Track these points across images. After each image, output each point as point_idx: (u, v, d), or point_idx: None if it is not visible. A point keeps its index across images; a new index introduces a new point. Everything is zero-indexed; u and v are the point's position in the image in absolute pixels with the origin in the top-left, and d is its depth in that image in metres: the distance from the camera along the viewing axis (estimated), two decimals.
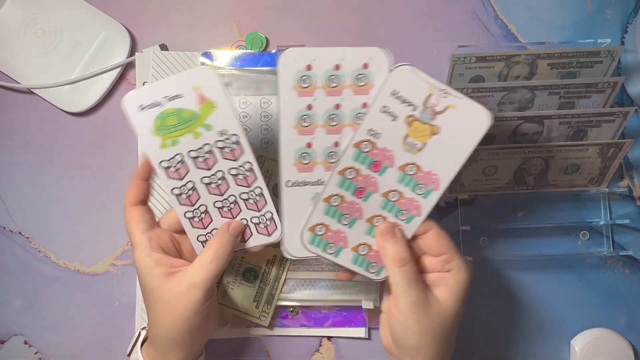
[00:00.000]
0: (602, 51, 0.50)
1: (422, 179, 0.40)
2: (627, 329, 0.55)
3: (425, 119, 0.39)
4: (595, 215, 0.56)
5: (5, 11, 0.56)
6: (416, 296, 0.39)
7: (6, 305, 0.55)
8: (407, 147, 0.39)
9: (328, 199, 0.41)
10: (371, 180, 0.40)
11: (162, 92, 0.40)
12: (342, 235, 0.42)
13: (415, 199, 0.41)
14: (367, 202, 0.41)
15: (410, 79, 0.38)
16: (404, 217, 0.41)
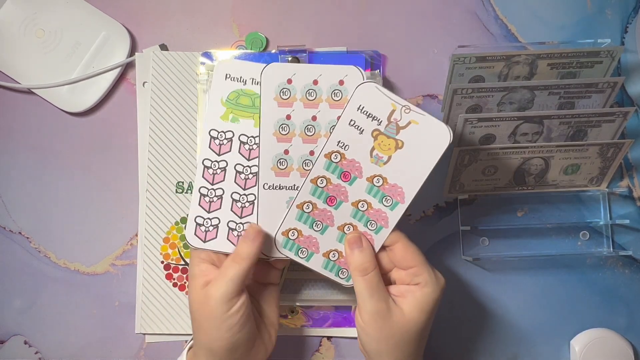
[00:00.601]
0: (602, 51, 0.50)
1: (389, 191, 0.42)
2: (627, 329, 0.55)
3: (390, 133, 0.41)
4: (595, 215, 0.56)
5: (5, 11, 0.56)
6: (376, 305, 0.41)
7: (6, 305, 0.55)
8: (374, 159, 0.42)
9: (301, 205, 0.43)
10: (341, 190, 0.42)
11: (252, 73, 0.44)
12: (313, 240, 0.44)
13: (383, 210, 0.43)
14: (338, 210, 0.43)
15: (374, 95, 0.41)
16: (373, 227, 0.43)
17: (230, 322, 0.41)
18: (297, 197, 0.43)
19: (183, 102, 0.55)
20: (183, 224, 0.55)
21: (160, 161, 0.55)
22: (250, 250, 0.42)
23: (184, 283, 0.54)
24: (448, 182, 0.52)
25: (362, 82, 0.41)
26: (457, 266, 0.55)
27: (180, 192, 0.55)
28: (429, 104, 0.56)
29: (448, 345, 0.55)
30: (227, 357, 0.42)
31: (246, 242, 0.42)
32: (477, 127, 0.50)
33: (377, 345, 0.41)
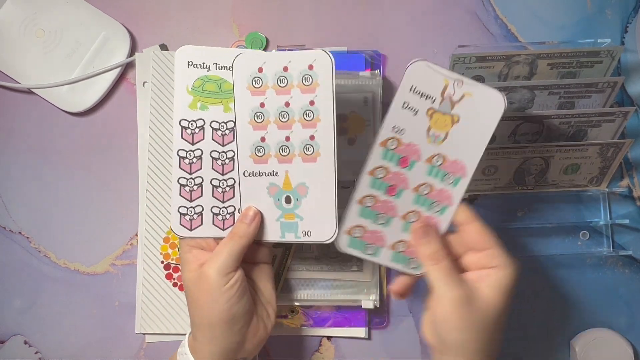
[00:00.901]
0: (602, 51, 0.50)
1: (449, 167, 0.42)
2: (627, 329, 0.55)
3: (445, 110, 0.41)
4: (595, 215, 0.56)
5: (5, 11, 0.56)
6: (457, 292, 0.39)
7: (6, 305, 0.55)
8: (431, 139, 0.41)
9: (361, 200, 0.43)
10: (401, 177, 0.42)
11: (215, 59, 0.44)
12: (378, 234, 0.43)
13: (446, 188, 0.42)
14: (400, 198, 0.42)
15: (426, 72, 0.40)
16: (437, 208, 0.42)
17: (228, 294, 0.42)
18: (356, 192, 0.43)
19: None
20: None
21: (160, 161, 0.55)
22: (247, 230, 0.43)
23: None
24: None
25: (413, 61, 0.41)
26: None
27: None
28: None
29: None
30: (227, 331, 0.42)
31: (243, 222, 0.43)
32: None
33: (460, 335, 0.39)
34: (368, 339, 0.54)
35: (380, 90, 0.53)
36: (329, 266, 0.53)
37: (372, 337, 0.55)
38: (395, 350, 0.54)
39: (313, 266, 0.53)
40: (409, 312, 0.55)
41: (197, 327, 0.43)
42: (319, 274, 0.53)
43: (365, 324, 0.54)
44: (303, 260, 0.53)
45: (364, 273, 0.53)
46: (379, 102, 0.53)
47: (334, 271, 0.53)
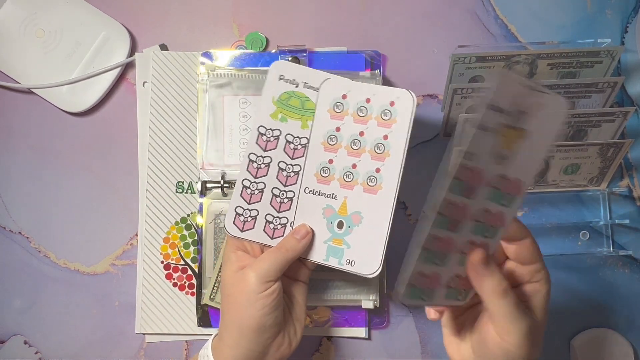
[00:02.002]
0: (602, 51, 0.50)
1: (509, 188, 0.36)
2: (627, 329, 0.55)
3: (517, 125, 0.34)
4: (595, 215, 0.56)
5: (5, 11, 0.56)
6: (527, 323, 0.37)
7: (6, 305, 0.55)
8: (497, 159, 0.34)
9: (426, 244, 0.35)
10: (464, 209, 0.35)
11: (304, 77, 0.46)
12: (435, 276, 0.37)
13: (500, 210, 0.36)
14: (459, 232, 0.36)
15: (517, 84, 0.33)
16: (490, 233, 0.37)
17: (264, 302, 0.42)
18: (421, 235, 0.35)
19: (183, 102, 0.55)
20: (183, 223, 0.55)
21: (160, 161, 0.55)
22: (296, 245, 0.44)
23: (183, 283, 0.54)
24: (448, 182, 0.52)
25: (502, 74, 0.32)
26: None
27: (180, 192, 0.55)
28: (429, 104, 0.56)
29: None
30: (253, 339, 0.43)
31: (294, 238, 0.44)
32: None
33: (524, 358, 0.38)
34: (368, 339, 0.54)
35: None
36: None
37: (372, 337, 0.55)
38: (395, 350, 0.54)
39: None
40: (409, 312, 0.55)
41: (226, 327, 0.44)
42: (319, 274, 0.53)
43: (365, 324, 0.54)
44: None
45: None
46: None
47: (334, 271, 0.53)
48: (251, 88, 0.54)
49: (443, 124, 0.53)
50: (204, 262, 0.53)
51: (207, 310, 0.54)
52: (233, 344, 0.43)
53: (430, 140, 0.56)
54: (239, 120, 0.54)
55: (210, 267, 0.53)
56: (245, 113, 0.54)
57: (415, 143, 0.56)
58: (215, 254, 0.53)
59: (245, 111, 0.54)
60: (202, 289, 0.53)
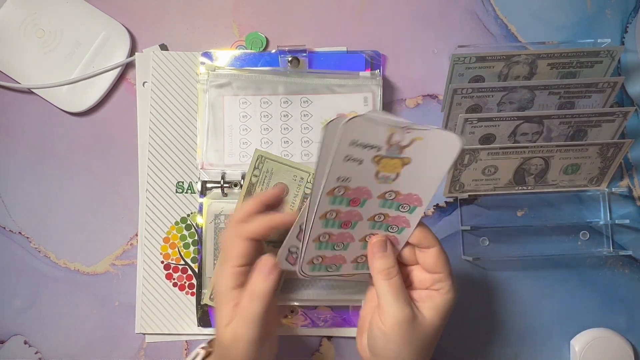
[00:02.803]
0: (602, 51, 0.50)
1: (404, 200, 0.40)
2: (627, 329, 0.55)
3: (393, 155, 0.38)
4: (595, 215, 0.56)
5: (5, 11, 0.56)
6: (402, 310, 0.40)
7: (6, 305, 0.55)
8: (381, 180, 0.39)
9: (316, 239, 0.41)
10: (354, 213, 0.40)
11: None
12: (339, 256, 0.43)
13: (401, 215, 0.41)
14: (355, 229, 0.42)
15: (366, 126, 0.36)
16: (395, 230, 0.42)
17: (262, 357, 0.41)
18: (310, 233, 0.40)
19: (183, 102, 0.55)
20: (183, 223, 0.55)
21: (160, 161, 0.55)
22: (264, 287, 0.40)
23: (183, 283, 0.54)
24: (448, 182, 0.52)
25: (348, 119, 0.35)
26: (457, 266, 0.55)
27: (180, 192, 0.55)
28: (429, 104, 0.56)
29: (448, 344, 0.55)
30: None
31: (261, 275, 0.41)
32: (477, 127, 0.50)
33: (398, 350, 0.40)
34: None
35: (380, 90, 0.53)
36: None
37: None
38: None
39: None
40: None
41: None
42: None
43: None
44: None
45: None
46: (379, 102, 0.53)
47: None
48: (251, 88, 0.54)
49: (443, 124, 0.53)
50: (204, 262, 0.53)
51: (207, 310, 0.54)
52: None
53: None
54: (239, 120, 0.54)
55: (210, 267, 0.53)
56: (245, 113, 0.54)
57: None
58: (215, 254, 0.53)
59: (245, 111, 0.54)
60: (202, 289, 0.53)
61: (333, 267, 0.43)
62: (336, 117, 0.39)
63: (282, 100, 0.54)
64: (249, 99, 0.54)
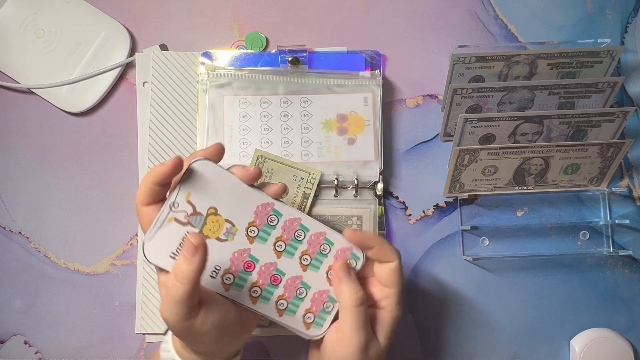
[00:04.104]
0: (602, 51, 0.50)
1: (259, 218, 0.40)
2: (627, 329, 0.55)
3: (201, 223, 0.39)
4: (595, 215, 0.56)
5: (5, 11, 0.56)
6: (364, 338, 0.39)
7: (6, 305, 0.55)
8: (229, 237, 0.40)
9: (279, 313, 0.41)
10: (263, 270, 0.41)
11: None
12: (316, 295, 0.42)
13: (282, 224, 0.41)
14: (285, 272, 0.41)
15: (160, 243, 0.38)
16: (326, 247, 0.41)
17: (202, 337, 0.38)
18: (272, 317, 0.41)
19: (183, 102, 0.55)
20: None
21: (160, 161, 0.55)
22: (190, 269, 0.36)
23: None
24: (448, 182, 0.52)
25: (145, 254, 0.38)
26: (457, 266, 0.55)
27: None
28: (429, 104, 0.56)
29: (448, 344, 0.55)
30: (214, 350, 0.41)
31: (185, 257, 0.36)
32: (477, 127, 0.50)
33: None
34: None
35: (380, 90, 0.53)
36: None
37: None
38: (395, 350, 0.54)
39: None
40: (409, 311, 0.55)
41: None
42: None
43: None
44: None
45: None
46: (379, 102, 0.53)
47: None
48: (251, 88, 0.54)
49: (443, 124, 0.53)
50: None
51: None
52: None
53: (430, 140, 0.56)
54: (239, 120, 0.54)
55: None
56: (245, 113, 0.54)
57: (415, 143, 0.56)
58: None
59: (245, 111, 0.54)
60: None
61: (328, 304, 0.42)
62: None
63: (282, 100, 0.54)
64: (249, 99, 0.54)
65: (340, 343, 0.40)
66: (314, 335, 0.42)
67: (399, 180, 0.55)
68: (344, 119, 0.53)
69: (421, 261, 0.55)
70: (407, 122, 0.56)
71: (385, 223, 0.55)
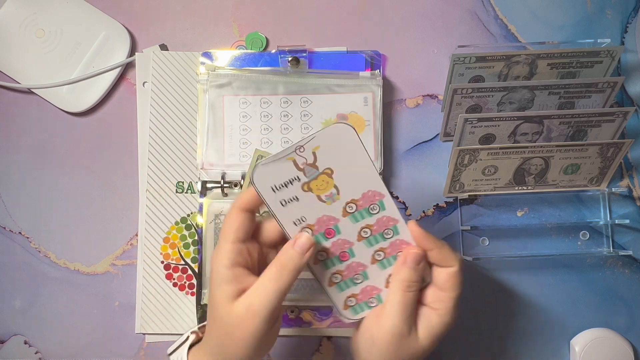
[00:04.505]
0: (602, 51, 0.50)
1: (365, 202, 0.40)
2: (627, 329, 0.55)
3: (313, 175, 0.39)
4: (595, 215, 0.56)
5: (5, 11, 0.56)
6: (403, 326, 0.39)
7: (6, 305, 0.55)
8: (329, 201, 0.40)
9: (331, 282, 0.42)
10: (339, 242, 0.41)
11: None
12: (369, 287, 0.42)
13: (380, 216, 0.41)
14: (356, 255, 0.41)
15: (270, 170, 0.38)
16: (390, 233, 0.41)
17: (270, 340, 0.39)
18: (321, 282, 0.41)
19: (183, 102, 0.55)
20: (183, 223, 0.55)
21: (160, 161, 0.55)
22: (299, 263, 0.38)
23: (183, 283, 0.54)
24: (448, 182, 0.52)
25: (252, 170, 0.39)
26: None
27: (180, 192, 0.55)
28: (429, 104, 0.56)
29: (448, 344, 0.55)
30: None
31: (296, 252, 0.38)
32: (477, 127, 0.50)
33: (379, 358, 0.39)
34: None
35: (380, 90, 0.53)
36: None
37: None
38: None
39: None
40: None
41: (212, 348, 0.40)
42: None
43: None
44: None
45: None
46: (379, 102, 0.53)
47: None
48: (251, 88, 0.54)
49: (443, 124, 0.53)
50: (204, 262, 0.53)
51: (207, 310, 0.54)
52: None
53: (430, 140, 0.56)
54: (239, 120, 0.54)
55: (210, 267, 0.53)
56: (245, 113, 0.54)
57: (415, 143, 0.56)
58: None
59: (245, 111, 0.54)
60: (202, 289, 0.53)
61: (373, 300, 0.42)
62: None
63: (282, 100, 0.54)
64: (249, 99, 0.54)
65: (377, 325, 0.39)
66: (346, 316, 0.42)
67: (399, 180, 0.55)
68: (344, 119, 0.53)
69: None
70: (407, 122, 0.56)
71: None
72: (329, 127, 0.38)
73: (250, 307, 0.37)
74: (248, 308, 0.37)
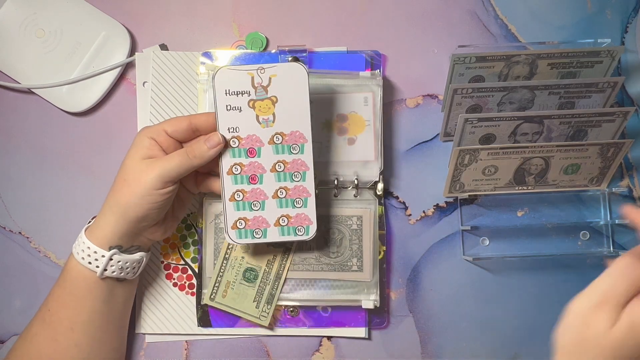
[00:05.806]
0: (602, 51, 0.50)
1: (290, 140, 0.47)
2: None
3: (262, 96, 0.46)
4: (595, 215, 0.56)
5: (5, 11, 0.56)
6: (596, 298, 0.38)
7: (6, 305, 0.55)
8: (264, 124, 0.46)
9: (232, 197, 0.47)
10: (255, 165, 0.47)
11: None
12: (260, 219, 0.48)
13: (296, 158, 0.47)
14: (264, 183, 0.48)
15: (231, 75, 0.45)
16: (298, 177, 0.48)
17: (156, 199, 0.45)
18: (225, 193, 0.47)
19: (183, 102, 0.55)
20: (183, 223, 0.55)
21: None
22: (205, 154, 0.45)
23: (184, 283, 0.54)
24: (448, 182, 0.52)
25: (216, 71, 0.45)
26: (457, 266, 0.55)
27: None
28: (429, 103, 0.56)
29: (448, 344, 0.55)
30: (134, 223, 0.46)
31: (206, 145, 0.45)
32: (477, 127, 0.50)
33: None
34: (368, 339, 0.54)
35: (380, 90, 0.53)
36: (329, 266, 0.53)
37: (372, 337, 0.55)
38: (395, 350, 0.54)
39: (313, 266, 0.53)
40: (409, 312, 0.55)
41: (110, 207, 0.46)
42: (319, 274, 0.53)
43: (365, 324, 0.54)
44: (303, 260, 0.53)
45: (364, 273, 0.53)
46: (379, 102, 0.53)
47: (334, 271, 0.53)
48: None
49: (443, 124, 0.53)
50: (204, 262, 0.53)
51: (207, 310, 0.54)
52: (113, 222, 0.46)
53: (430, 140, 0.56)
54: None
55: (210, 267, 0.53)
56: None
57: (416, 143, 0.56)
58: (216, 254, 0.53)
59: None
60: (202, 289, 0.53)
61: (258, 232, 0.48)
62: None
63: None
64: None
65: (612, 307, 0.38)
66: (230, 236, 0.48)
67: (399, 180, 0.55)
68: (344, 119, 0.53)
69: (421, 261, 0.55)
70: (407, 122, 0.56)
71: (386, 223, 0.55)
72: (291, 63, 0.46)
73: (150, 164, 0.45)
74: (149, 164, 0.45)
